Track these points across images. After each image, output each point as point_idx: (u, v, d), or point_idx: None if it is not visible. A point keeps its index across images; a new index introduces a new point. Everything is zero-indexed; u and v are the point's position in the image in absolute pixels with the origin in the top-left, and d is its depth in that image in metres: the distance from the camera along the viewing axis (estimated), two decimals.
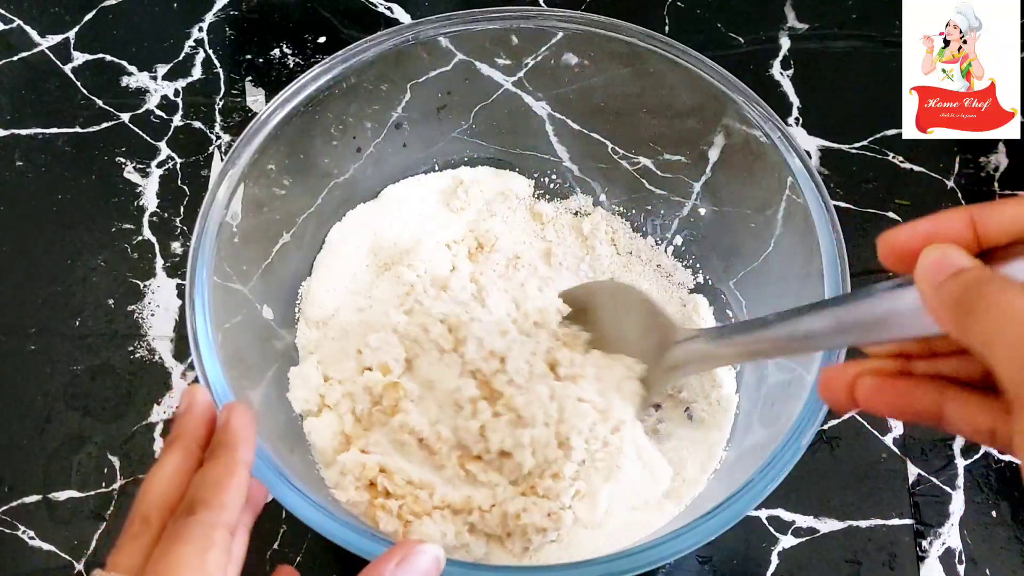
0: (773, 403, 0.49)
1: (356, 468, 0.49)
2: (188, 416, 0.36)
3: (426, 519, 0.48)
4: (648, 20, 0.73)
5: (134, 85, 0.70)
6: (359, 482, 0.49)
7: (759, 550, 0.55)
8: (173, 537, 0.32)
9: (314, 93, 0.53)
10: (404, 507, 0.48)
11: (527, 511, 0.48)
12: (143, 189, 0.66)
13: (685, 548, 0.41)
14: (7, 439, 0.57)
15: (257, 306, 0.53)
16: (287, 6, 0.74)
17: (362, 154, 0.59)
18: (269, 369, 0.53)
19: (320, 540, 0.40)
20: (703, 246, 0.60)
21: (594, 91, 0.59)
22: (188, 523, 0.32)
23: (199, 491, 0.33)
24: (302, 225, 0.57)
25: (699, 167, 0.58)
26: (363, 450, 0.50)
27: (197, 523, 0.32)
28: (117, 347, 0.60)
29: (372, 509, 0.49)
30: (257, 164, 0.51)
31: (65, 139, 0.68)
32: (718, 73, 0.53)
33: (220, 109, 0.69)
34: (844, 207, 0.66)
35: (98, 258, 0.63)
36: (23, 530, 0.55)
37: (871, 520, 0.56)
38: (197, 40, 0.72)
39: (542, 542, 0.48)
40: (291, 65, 0.71)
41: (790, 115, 0.70)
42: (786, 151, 0.51)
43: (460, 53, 0.57)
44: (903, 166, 0.68)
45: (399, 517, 0.48)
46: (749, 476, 0.42)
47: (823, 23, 0.74)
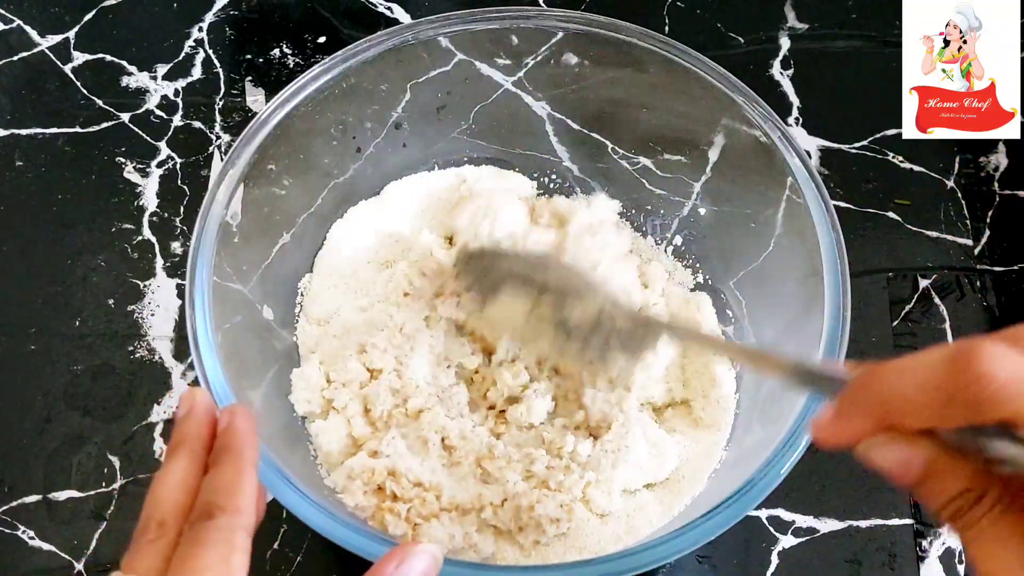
0: (773, 403, 0.49)
1: (365, 473, 0.50)
2: (190, 419, 0.36)
3: (434, 521, 0.48)
4: (648, 20, 0.73)
5: (134, 85, 0.70)
6: (367, 486, 0.49)
7: (759, 550, 0.55)
8: (194, 541, 0.32)
9: (314, 93, 0.53)
10: (412, 510, 0.49)
11: (540, 503, 0.49)
12: (143, 189, 0.66)
13: (685, 548, 0.41)
14: (7, 439, 0.57)
15: (257, 306, 0.53)
16: (287, 6, 0.74)
17: (362, 154, 0.59)
18: (269, 369, 0.53)
19: (320, 540, 0.40)
20: (703, 246, 0.60)
21: (594, 91, 0.59)
22: (208, 527, 0.32)
23: (216, 496, 0.33)
24: (302, 225, 0.57)
25: (699, 167, 0.58)
26: (373, 452, 0.51)
27: (217, 528, 0.32)
28: (117, 347, 0.60)
29: (380, 512, 0.49)
30: (257, 164, 0.51)
31: (65, 139, 0.68)
32: (718, 73, 0.53)
33: (220, 109, 0.69)
34: (844, 207, 0.66)
35: (98, 258, 0.63)
36: (23, 530, 0.55)
37: (871, 520, 0.56)
38: (197, 40, 0.72)
39: (555, 534, 0.49)
40: (291, 65, 0.71)
41: (790, 115, 0.70)
42: (786, 151, 0.51)
43: (460, 53, 0.57)
44: (903, 166, 0.68)
45: (407, 520, 0.48)
46: (749, 476, 0.42)
47: (823, 23, 0.74)
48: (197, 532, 0.32)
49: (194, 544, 0.31)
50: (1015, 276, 0.65)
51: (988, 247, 0.66)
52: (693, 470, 0.52)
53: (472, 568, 0.41)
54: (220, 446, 0.35)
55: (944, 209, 0.67)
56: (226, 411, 0.36)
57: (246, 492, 0.33)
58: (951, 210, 0.67)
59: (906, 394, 0.26)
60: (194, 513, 0.33)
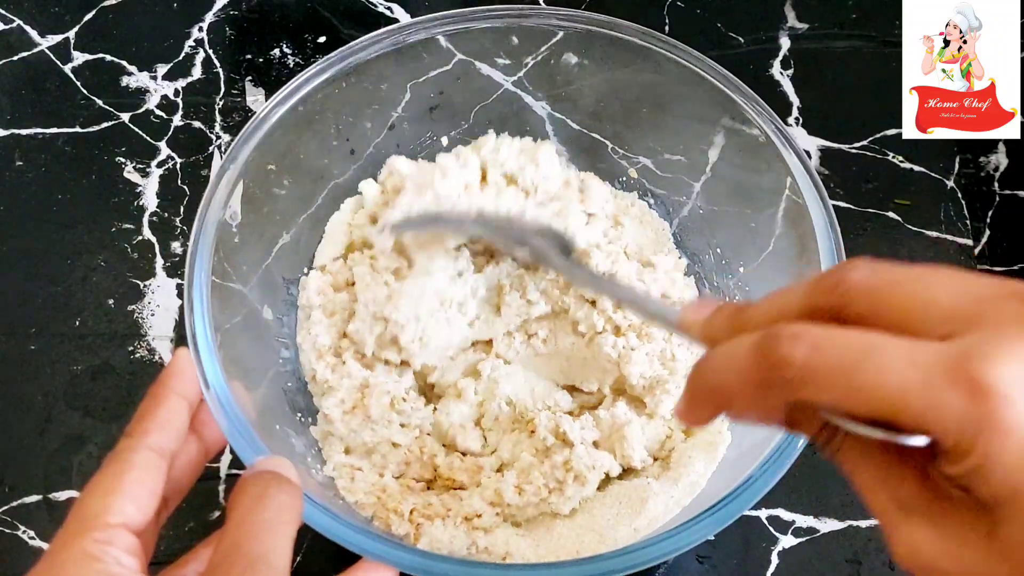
0: None
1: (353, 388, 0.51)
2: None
3: (437, 522, 0.49)
4: (648, 20, 0.73)
5: (134, 85, 0.70)
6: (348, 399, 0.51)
7: (759, 550, 0.55)
8: (101, 466, 0.34)
9: (312, 92, 0.53)
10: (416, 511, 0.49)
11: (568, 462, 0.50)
12: (143, 189, 0.66)
13: (684, 545, 0.41)
14: (7, 439, 0.57)
15: (257, 306, 0.53)
16: (287, 6, 0.74)
17: (362, 154, 0.59)
18: (269, 369, 0.53)
19: (320, 540, 0.40)
20: (703, 246, 0.60)
21: (594, 91, 0.59)
22: (112, 452, 0.35)
23: (130, 424, 0.36)
24: (301, 226, 0.57)
25: (699, 167, 0.58)
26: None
27: (117, 450, 0.35)
28: (117, 347, 0.60)
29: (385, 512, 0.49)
30: (256, 163, 0.51)
31: (65, 139, 0.68)
32: (718, 73, 0.53)
33: (220, 109, 0.69)
34: (844, 207, 0.66)
35: (98, 258, 0.63)
36: (23, 530, 0.55)
37: (871, 520, 0.56)
38: (197, 40, 0.72)
39: (578, 493, 0.50)
40: (291, 65, 0.71)
41: (790, 115, 0.70)
42: (786, 151, 0.51)
43: (460, 53, 0.57)
44: (903, 166, 0.68)
45: (410, 521, 0.49)
46: (748, 473, 0.42)
47: (823, 23, 0.74)
48: (105, 458, 0.35)
49: (100, 468, 0.34)
50: (1015, 276, 0.65)
51: (988, 247, 0.66)
52: (693, 470, 0.52)
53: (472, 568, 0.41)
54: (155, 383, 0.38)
55: (944, 209, 0.67)
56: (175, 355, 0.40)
57: (158, 416, 0.36)
58: (951, 210, 0.67)
59: (728, 383, 0.27)
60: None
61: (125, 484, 0.33)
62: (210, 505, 0.56)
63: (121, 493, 0.33)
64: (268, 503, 0.33)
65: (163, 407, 0.37)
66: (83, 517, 0.32)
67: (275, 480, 0.34)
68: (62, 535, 0.32)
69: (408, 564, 0.39)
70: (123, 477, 0.33)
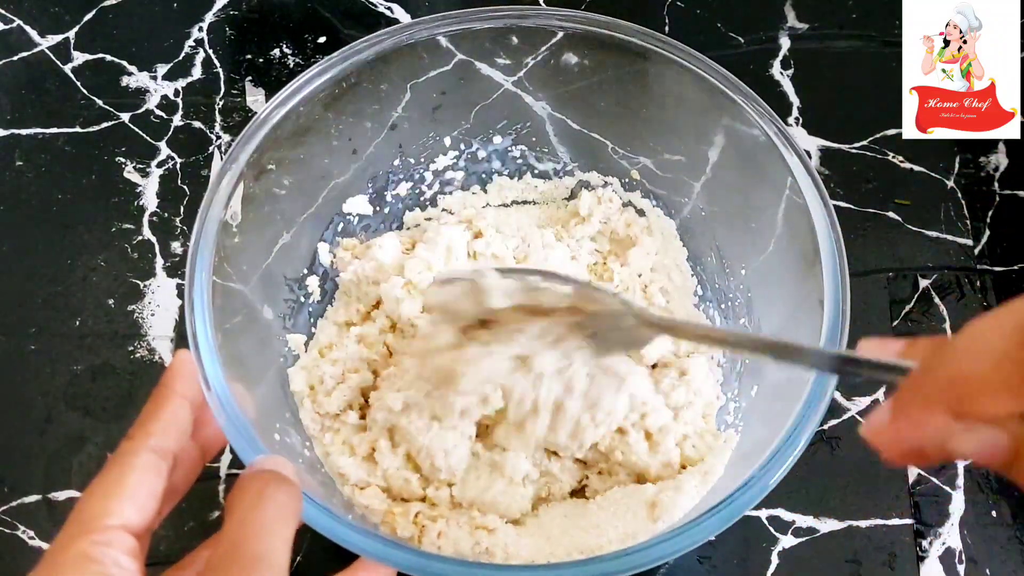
0: (773, 402, 0.49)
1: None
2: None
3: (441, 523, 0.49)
4: (648, 20, 0.73)
5: (134, 85, 0.70)
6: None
7: (759, 550, 0.55)
8: (102, 468, 0.35)
9: (313, 93, 0.53)
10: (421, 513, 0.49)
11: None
12: (143, 189, 0.66)
13: (685, 546, 0.40)
14: (7, 439, 0.57)
15: (257, 306, 0.53)
16: (287, 6, 0.74)
17: (362, 154, 0.59)
18: (269, 369, 0.53)
19: (320, 540, 0.40)
20: (704, 247, 0.60)
21: (594, 91, 0.59)
22: (112, 454, 0.35)
23: (132, 427, 0.36)
24: (302, 225, 0.57)
25: (699, 167, 0.58)
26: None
27: (118, 453, 0.35)
28: (117, 347, 0.60)
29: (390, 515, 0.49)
30: (256, 163, 0.51)
31: (65, 139, 0.68)
32: (718, 73, 0.53)
33: (220, 109, 0.69)
34: (844, 207, 0.66)
35: (98, 258, 0.63)
36: (23, 530, 0.55)
37: (871, 520, 0.56)
38: (197, 40, 0.72)
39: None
40: (291, 65, 0.71)
41: (790, 115, 0.70)
42: (786, 151, 0.51)
43: (460, 53, 0.57)
44: (903, 166, 0.68)
45: (415, 523, 0.49)
46: (749, 474, 0.42)
47: (823, 23, 0.74)
48: (106, 461, 0.35)
49: (100, 470, 0.35)
50: (1015, 276, 0.65)
51: (988, 247, 0.66)
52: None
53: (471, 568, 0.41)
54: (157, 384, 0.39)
55: (944, 209, 0.67)
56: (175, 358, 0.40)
57: (160, 417, 0.36)
58: (951, 210, 0.67)
59: (981, 374, 0.21)
60: None
61: (125, 486, 0.33)
62: (210, 505, 0.55)
63: (121, 495, 0.33)
64: (267, 503, 0.33)
65: (165, 408, 0.37)
66: (82, 519, 0.32)
67: (274, 479, 0.34)
68: (61, 537, 0.32)
69: (407, 564, 0.39)
70: (123, 479, 0.33)
